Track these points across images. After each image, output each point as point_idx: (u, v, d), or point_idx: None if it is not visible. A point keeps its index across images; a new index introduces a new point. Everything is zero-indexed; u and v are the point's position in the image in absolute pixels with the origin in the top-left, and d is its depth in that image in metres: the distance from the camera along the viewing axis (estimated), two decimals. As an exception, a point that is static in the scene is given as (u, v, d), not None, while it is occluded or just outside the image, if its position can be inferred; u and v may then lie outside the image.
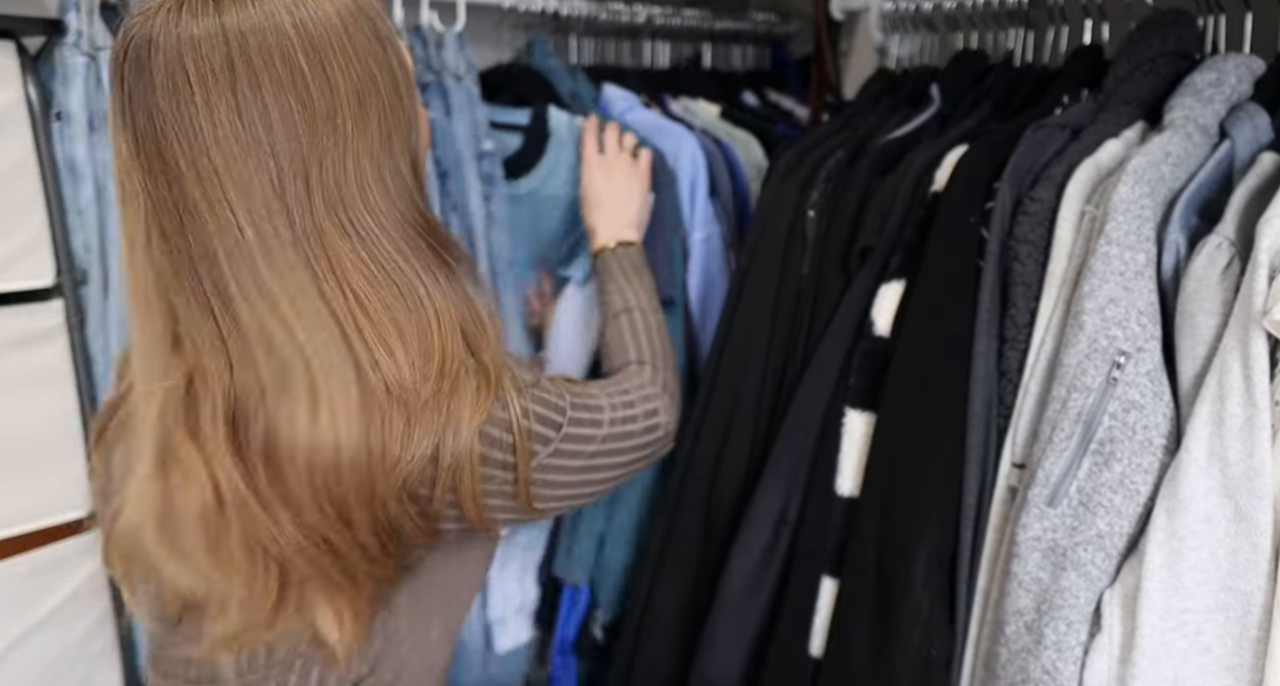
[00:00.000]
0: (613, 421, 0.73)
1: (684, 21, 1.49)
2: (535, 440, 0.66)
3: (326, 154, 0.57)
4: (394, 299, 0.59)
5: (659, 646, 1.07)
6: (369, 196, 0.59)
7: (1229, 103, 0.79)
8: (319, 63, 0.56)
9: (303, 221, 0.57)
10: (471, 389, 0.61)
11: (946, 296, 0.83)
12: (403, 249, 0.60)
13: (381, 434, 0.59)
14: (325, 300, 0.57)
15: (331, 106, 0.56)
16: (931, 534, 0.81)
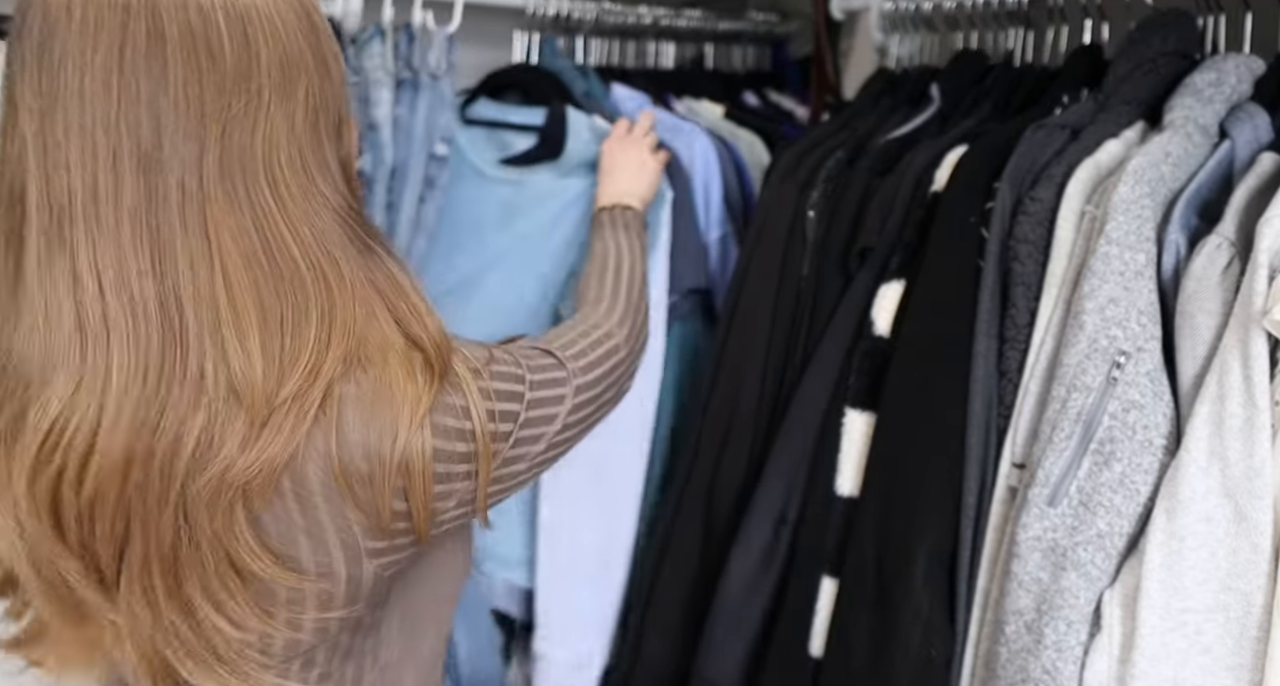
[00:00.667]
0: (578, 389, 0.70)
1: (686, 22, 1.49)
2: (501, 420, 0.62)
3: (233, 115, 0.53)
4: (274, 285, 0.54)
5: (659, 646, 1.07)
6: (276, 168, 0.55)
7: (1229, 103, 0.79)
8: (240, 25, 0.53)
9: (180, 188, 0.52)
10: (407, 375, 0.57)
11: (946, 296, 0.83)
12: (303, 233, 0.56)
13: (194, 433, 0.52)
14: (161, 277, 0.52)
15: (248, 71, 0.53)
16: (931, 534, 0.81)
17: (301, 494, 0.56)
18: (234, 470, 0.53)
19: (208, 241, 0.53)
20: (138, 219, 0.52)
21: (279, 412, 0.54)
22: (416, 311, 0.60)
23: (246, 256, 0.54)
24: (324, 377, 0.55)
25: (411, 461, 0.56)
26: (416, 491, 0.57)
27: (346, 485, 0.56)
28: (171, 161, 0.52)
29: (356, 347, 0.57)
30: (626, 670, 1.10)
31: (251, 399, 0.53)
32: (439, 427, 0.58)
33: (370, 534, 0.58)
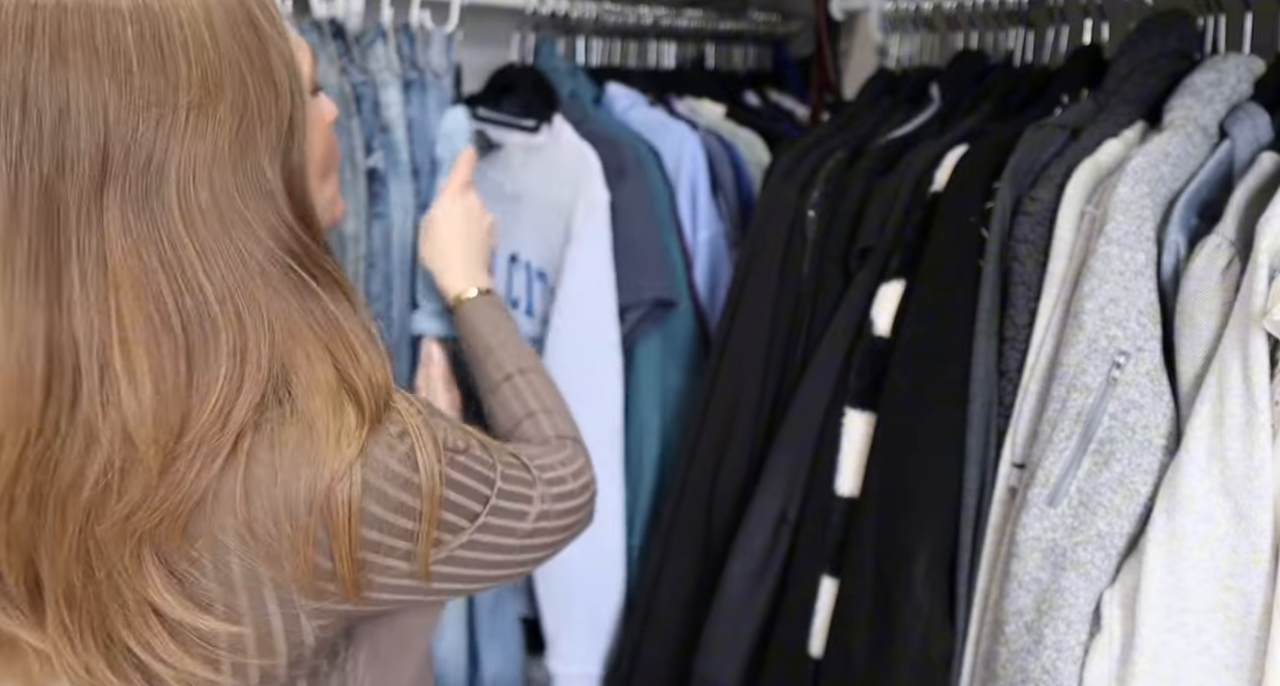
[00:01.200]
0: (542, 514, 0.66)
1: (687, 22, 1.49)
2: (456, 512, 0.59)
3: (143, 143, 0.49)
4: (180, 322, 0.50)
5: (659, 646, 1.07)
6: (192, 199, 0.51)
7: (1229, 103, 0.79)
8: (154, 44, 0.49)
9: (79, 218, 0.49)
10: (333, 416, 0.53)
11: (946, 296, 0.83)
12: (212, 262, 0.51)
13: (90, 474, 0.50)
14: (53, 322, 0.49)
15: (160, 92, 0.49)
16: (931, 534, 0.81)
17: (215, 541, 0.53)
18: (136, 516, 0.50)
19: (105, 281, 0.49)
20: (35, 250, 0.49)
21: (182, 458, 0.51)
22: (353, 353, 0.56)
23: (149, 296, 0.50)
24: (235, 422, 0.51)
25: (334, 512, 0.53)
26: (341, 546, 0.53)
27: (254, 535, 0.53)
28: (72, 188, 0.49)
29: (274, 390, 0.53)
30: (627, 670, 1.10)
31: (146, 445, 0.50)
32: (382, 468, 0.55)
33: (297, 588, 0.55)
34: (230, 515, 0.52)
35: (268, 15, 0.55)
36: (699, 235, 1.20)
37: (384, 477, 0.55)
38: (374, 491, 0.55)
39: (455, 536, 0.60)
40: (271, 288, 0.54)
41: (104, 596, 0.53)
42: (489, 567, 0.63)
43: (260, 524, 0.53)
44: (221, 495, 0.52)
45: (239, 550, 0.53)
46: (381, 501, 0.55)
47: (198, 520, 0.52)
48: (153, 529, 0.51)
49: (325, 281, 0.57)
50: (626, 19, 1.38)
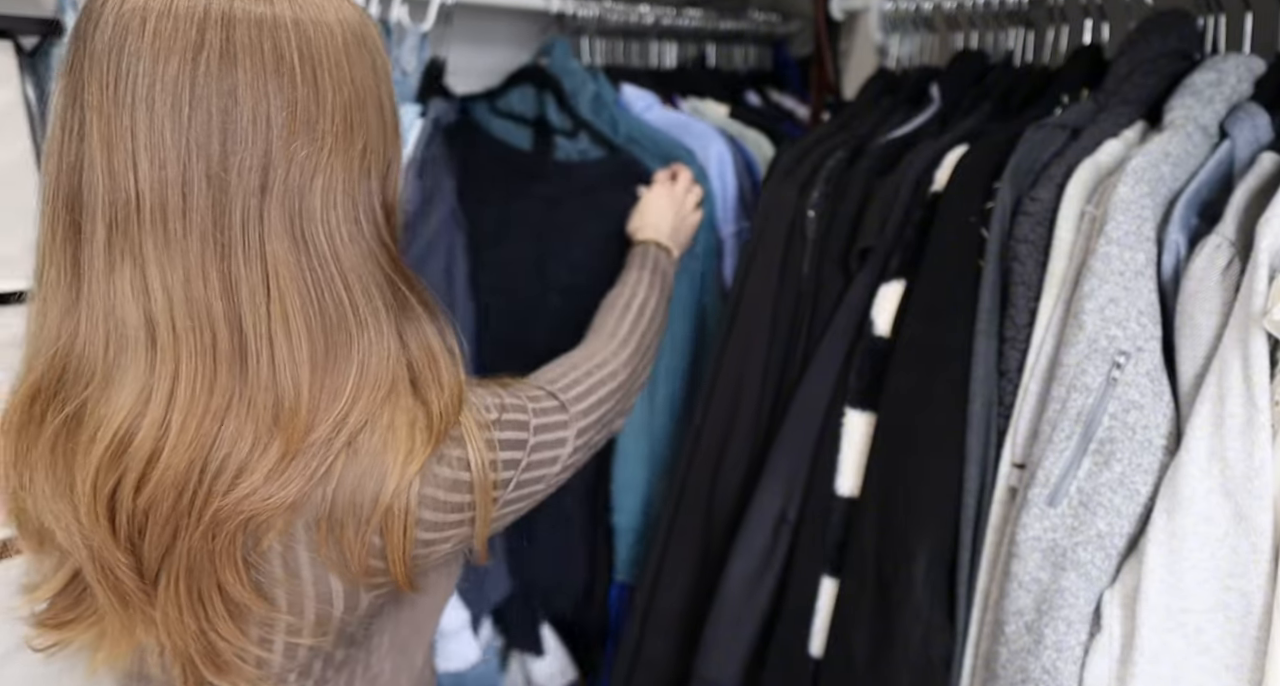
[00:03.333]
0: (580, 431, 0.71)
1: (688, 22, 1.49)
2: (504, 468, 0.63)
3: (297, 158, 0.53)
4: (322, 326, 0.55)
5: (659, 646, 1.07)
6: (331, 216, 0.55)
7: (1229, 103, 0.79)
8: (311, 67, 0.53)
9: (243, 214, 0.52)
10: (406, 435, 0.57)
11: (946, 296, 0.83)
12: (350, 280, 0.56)
13: (234, 458, 0.53)
14: (227, 296, 0.52)
15: (315, 114, 0.53)
16: (931, 534, 0.81)
17: (292, 534, 0.56)
18: (253, 498, 0.53)
19: (266, 273, 0.53)
20: (207, 238, 0.52)
21: (306, 452, 0.54)
22: (438, 378, 0.60)
23: (302, 294, 0.54)
24: (348, 428, 0.55)
25: (391, 521, 0.56)
26: (394, 549, 0.57)
27: (325, 533, 0.56)
28: (237, 187, 0.52)
29: (379, 403, 0.57)
30: (627, 670, 1.10)
31: (291, 432, 0.54)
32: (435, 478, 0.59)
33: (344, 579, 0.59)
34: (314, 513, 0.56)
35: (385, 64, 0.59)
36: (727, 229, 1.22)
37: (443, 464, 0.59)
38: (435, 480, 0.59)
39: (504, 489, 0.64)
40: (386, 307, 0.58)
41: (199, 574, 0.56)
42: (534, 496, 0.69)
43: (333, 525, 0.56)
44: (311, 495, 0.55)
45: (309, 544, 0.57)
46: (439, 486, 0.59)
47: (286, 514, 0.56)
48: (255, 514, 0.54)
49: (418, 303, 0.61)
50: (628, 19, 1.38)
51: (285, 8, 0.53)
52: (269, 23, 0.52)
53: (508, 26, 1.41)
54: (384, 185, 0.60)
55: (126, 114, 0.50)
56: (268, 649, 0.61)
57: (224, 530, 0.54)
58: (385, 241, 0.59)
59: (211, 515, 0.54)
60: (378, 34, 0.59)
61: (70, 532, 0.56)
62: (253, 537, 0.56)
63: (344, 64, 0.55)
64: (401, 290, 0.59)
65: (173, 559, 0.55)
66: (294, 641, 0.60)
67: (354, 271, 0.56)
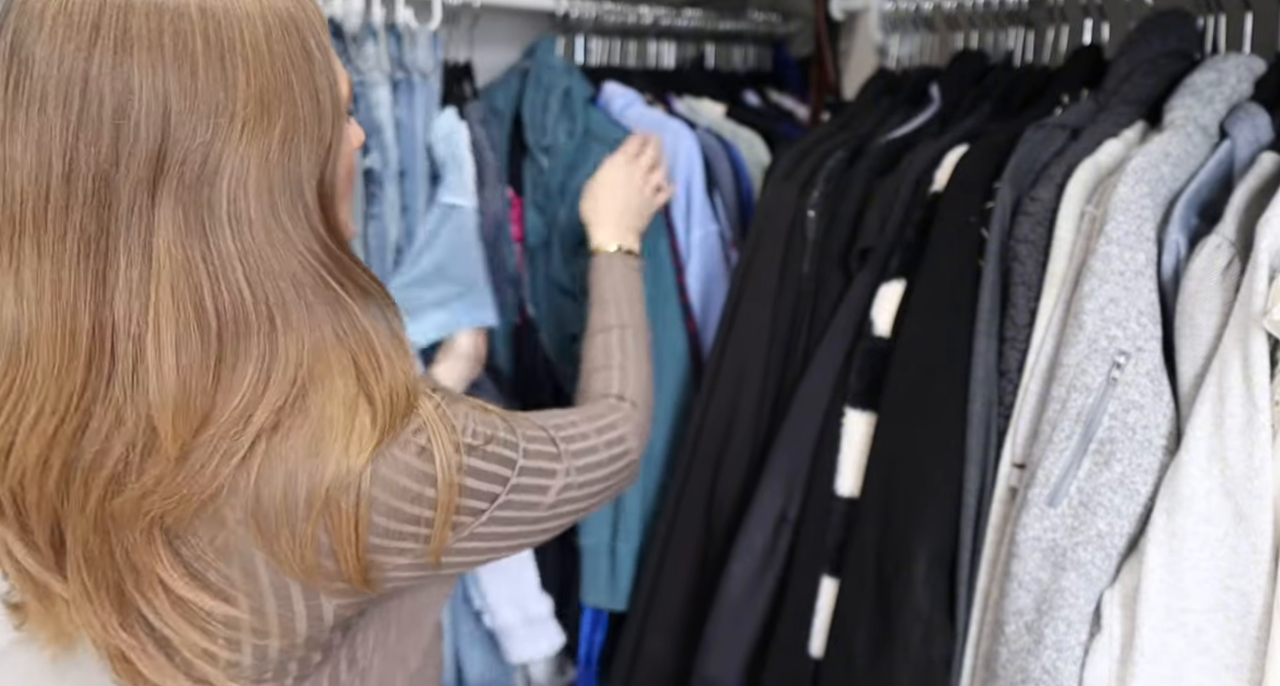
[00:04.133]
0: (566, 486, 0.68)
1: (686, 22, 1.49)
2: (474, 497, 0.61)
3: (197, 147, 0.51)
4: (213, 321, 0.53)
5: (659, 646, 1.07)
6: (241, 207, 0.53)
7: (1229, 102, 0.79)
8: (218, 53, 0.51)
9: (130, 210, 0.51)
10: (346, 425, 0.55)
11: (946, 296, 0.83)
12: (253, 274, 0.54)
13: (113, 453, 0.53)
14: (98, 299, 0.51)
15: (220, 101, 0.51)
16: (931, 534, 0.81)
17: (232, 532, 0.56)
18: (150, 499, 0.53)
19: (149, 271, 0.51)
20: (87, 238, 0.51)
21: (199, 451, 0.53)
22: (378, 364, 0.58)
23: (188, 291, 0.52)
24: (255, 423, 0.54)
25: (335, 517, 0.55)
26: (343, 544, 0.56)
27: (259, 530, 0.55)
28: (125, 181, 0.50)
29: (297, 397, 0.55)
30: (627, 669, 1.10)
31: (165, 434, 0.52)
32: (391, 484, 0.57)
33: (298, 579, 0.57)
34: (243, 510, 0.55)
35: (318, 40, 0.57)
36: (692, 234, 1.20)
37: (400, 473, 0.57)
38: (385, 494, 0.57)
39: (476, 518, 0.62)
40: (304, 298, 0.56)
41: (118, 563, 0.56)
42: (509, 539, 0.66)
43: (266, 521, 0.55)
44: (237, 490, 0.55)
45: (241, 539, 0.56)
46: (395, 495, 0.57)
47: (212, 510, 0.55)
48: (163, 513, 0.54)
49: (355, 292, 0.59)
50: (626, 19, 1.38)
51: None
52: (171, 11, 0.50)
53: (508, 26, 1.41)
54: (320, 168, 0.58)
55: (21, 113, 0.50)
56: (236, 651, 0.60)
57: (135, 527, 0.54)
58: (315, 227, 0.57)
59: (105, 513, 0.54)
60: (316, 18, 0.58)
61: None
62: (179, 535, 0.56)
63: (263, 46, 0.53)
64: (331, 278, 0.57)
65: (69, 546, 0.56)
66: (261, 644, 0.60)
67: (261, 263, 0.54)
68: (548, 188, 1.23)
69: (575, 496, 0.69)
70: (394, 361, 0.59)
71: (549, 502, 0.67)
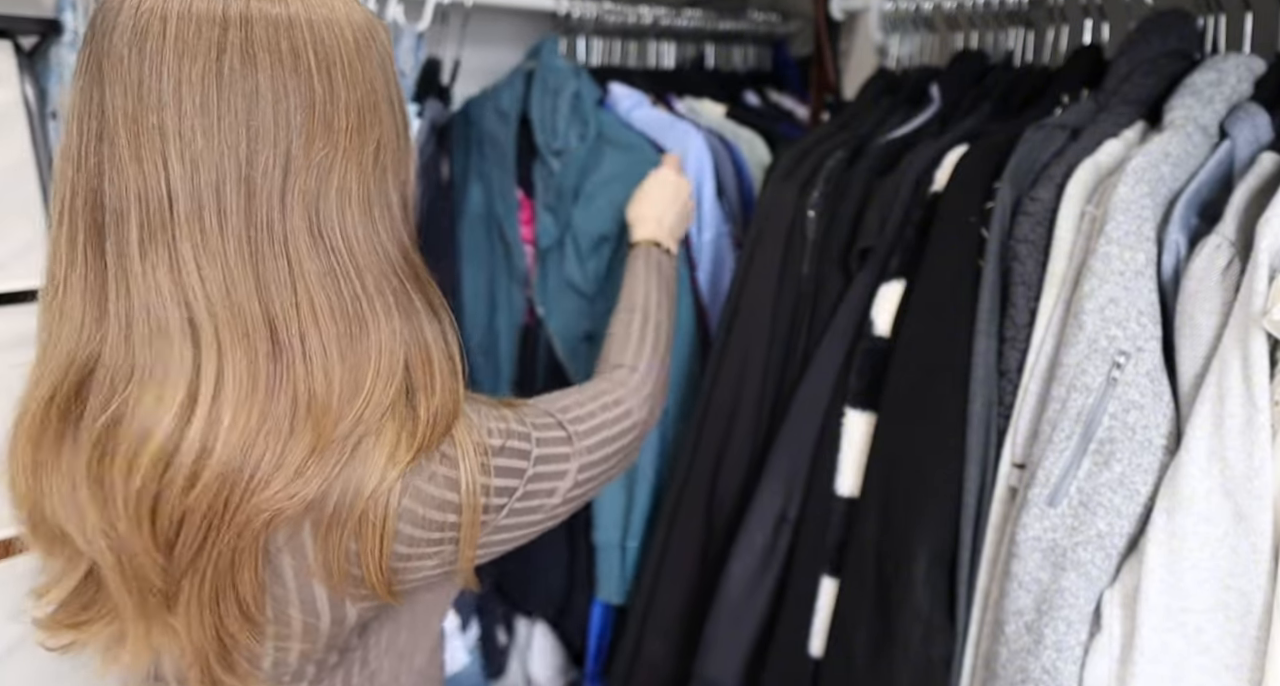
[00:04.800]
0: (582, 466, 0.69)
1: (686, 22, 1.49)
2: (496, 495, 0.62)
3: (316, 157, 0.53)
4: (344, 322, 0.55)
5: (659, 646, 1.07)
6: (348, 215, 0.55)
7: (1229, 102, 0.79)
8: (326, 66, 0.53)
9: (268, 213, 0.53)
10: (392, 438, 0.56)
11: (946, 296, 0.83)
12: (365, 277, 0.56)
13: (271, 454, 0.53)
14: (260, 295, 0.53)
15: (331, 113, 0.54)
16: (931, 534, 0.81)
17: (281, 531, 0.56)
18: (280, 495, 0.53)
19: (291, 271, 0.53)
20: (241, 239, 0.52)
21: (333, 446, 0.54)
22: (429, 383, 0.59)
23: (326, 289, 0.54)
24: (364, 424, 0.55)
25: (366, 527, 0.56)
26: (368, 556, 0.57)
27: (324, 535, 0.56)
28: (262, 187, 0.52)
29: (389, 400, 0.56)
30: (626, 670, 1.10)
31: (322, 426, 0.54)
32: (419, 494, 0.58)
33: (328, 587, 0.58)
34: (309, 515, 0.55)
35: (392, 63, 0.60)
36: (704, 236, 1.20)
37: (426, 481, 0.58)
38: (415, 494, 0.57)
39: (496, 515, 0.62)
40: (394, 306, 0.58)
41: (231, 568, 0.56)
42: (528, 527, 0.67)
43: (328, 527, 0.56)
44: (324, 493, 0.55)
45: (291, 550, 0.57)
46: (422, 503, 0.58)
47: (304, 512, 0.55)
48: (279, 511, 0.54)
49: (424, 305, 0.60)
50: (626, 19, 1.38)
51: (299, 8, 0.53)
52: (285, 23, 0.52)
53: (508, 26, 1.41)
54: (399, 180, 0.60)
55: (153, 114, 0.50)
56: (261, 650, 0.60)
57: (250, 528, 0.54)
58: (400, 238, 0.59)
59: (245, 514, 0.54)
60: (386, 35, 0.60)
61: (96, 538, 0.56)
62: (274, 536, 0.56)
63: (356, 63, 0.55)
64: (408, 288, 0.59)
65: (201, 559, 0.55)
66: (284, 646, 0.60)
67: (366, 267, 0.56)
68: (560, 190, 1.23)
69: (590, 476, 0.70)
70: (445, 380, 0.60)
71: (565, 487, 0.67)
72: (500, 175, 1.28)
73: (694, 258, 1.20)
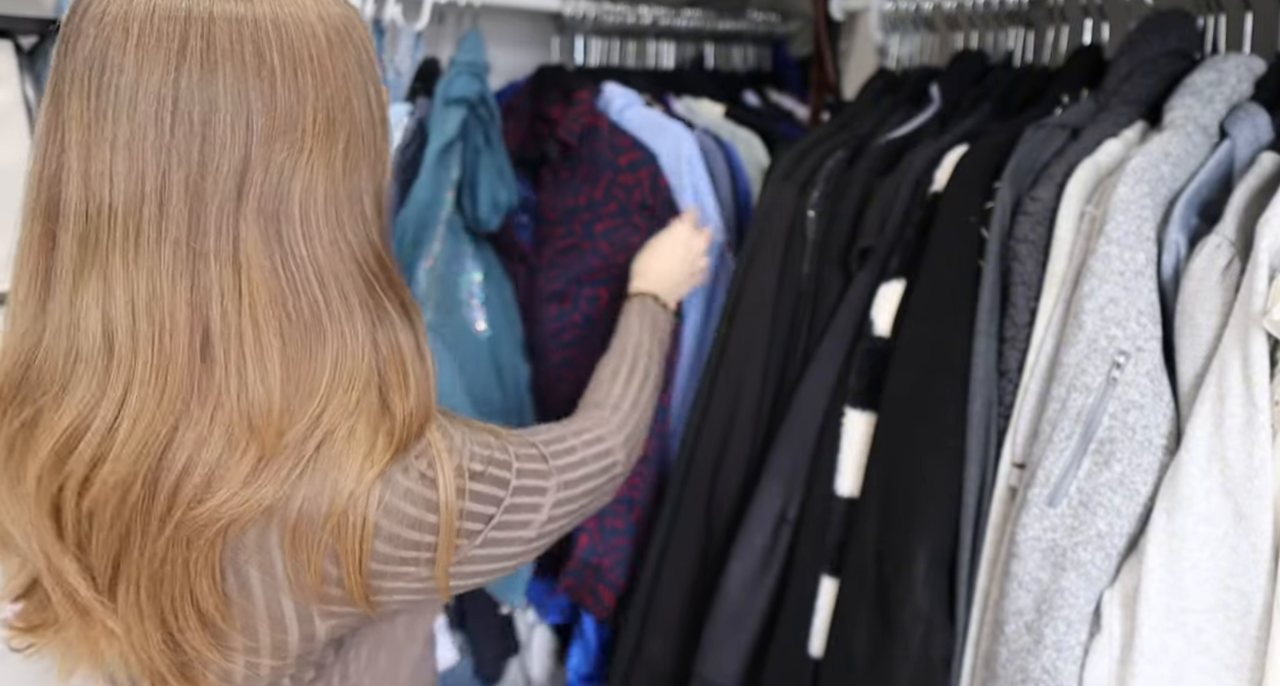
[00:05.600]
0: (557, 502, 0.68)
1: (686, 22, 1.49)
2: (471, 519, 0.61)
3: (278, 160, 0.52)
4: (297, 327, 0.54)
5: (659, 646, 1.07)
6: (312, 218, 0.54)
7: (1229, 102, 0.79)
8: (292, 66, 0.53)
9: (217, 222, 0.52)
10: (367, 438, 0.56)
11: (946, 296, 0.83)
12: (328, 282, 0.55)
13: (204, 458, 0.52)
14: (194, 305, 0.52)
15: (295, 115, 0.53)
16: (931, 534, 0.81)
17: (247, 541, 0.55)
18: (229, 504, 0.53)
19: (239, 278, 0.52)
20: (180, 245, 0.52)
21: (282, 453, 0.54)
22: (403, 384, 0.59)
23: (276, 296, 0.53)
24: (322, 428, 0.54)
25: (345, 530, 0.55)
26: (348, 559, 0.56)
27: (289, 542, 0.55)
28: (213, 193, 0.52)
29: (352, 404, 0.56)
30: (626, 670, 1.10)
31: (265, 434, 0.53)
32: (394, 509, 0.57)
33: (297, 598, 0.57)
34: (277, 521, 0.54)
35: (367, 51, 0.58)
36: None
37: (401, 498, 0.57)
38: (390, 512, 0.57)
39: (471, 540, 0.62)
40: (360, 308, 0.57)
41: (175, 579, 0.55)
42: (504, 559, 0.66)
43: (294, 534, 0.55)
44: (284, 499, 0.54)
45: (260, 563, 0.56)
46: (397, 521, 0.57)
47: (261, 518, 0.54)
48: (233, 521, 0.53)
49: (396, 306, 0.60)
50: (626, 19, 1.38)
51: (265, 7, 0.52)
52: (249, 24, 0.51)
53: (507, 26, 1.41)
54: (373, 178, 0.59)
55: (108, 124, 0.50)
56: (232, 663, 0.59)
57: (202, 537, 0.53)
58: (370, 239, 0.58)
59: (182, 522, 0.53)
60: (363, 28, 0.59)
61: (26, 536, 0.56)
62: (231, 546, 0.55)
63: (326, 61, 0.54)
64: (378, 291, 0.58)
65: (128, 567, 0.55)
66: (253, 661, 0.59)
67: (330, 272, 0.55)
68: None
69: (565, 511, 0.69)
70: (418, 382, 0.59)
71: (541, 520, 0.67)
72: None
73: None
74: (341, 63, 0.55)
